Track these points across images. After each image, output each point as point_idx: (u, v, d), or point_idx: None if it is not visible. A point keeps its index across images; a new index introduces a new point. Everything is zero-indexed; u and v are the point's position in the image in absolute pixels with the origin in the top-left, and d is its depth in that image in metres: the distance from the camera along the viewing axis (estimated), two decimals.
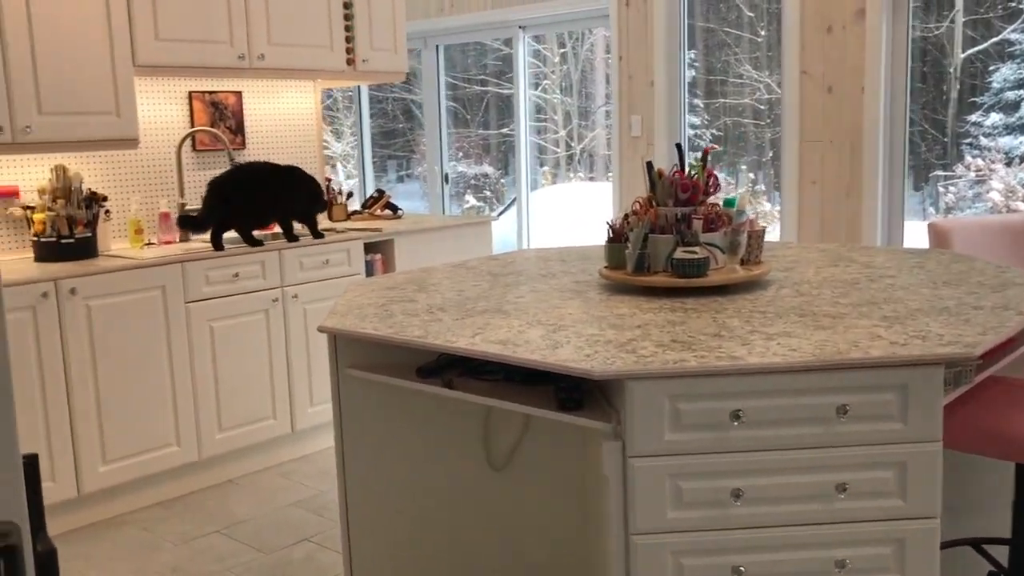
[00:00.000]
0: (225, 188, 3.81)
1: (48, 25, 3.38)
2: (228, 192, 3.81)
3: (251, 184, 3.85)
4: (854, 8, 4.77)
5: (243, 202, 3.83)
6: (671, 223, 2.49)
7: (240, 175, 3.85)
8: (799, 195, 5.09)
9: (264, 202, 3.88)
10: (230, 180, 3.83)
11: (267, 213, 3.92)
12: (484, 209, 7.69)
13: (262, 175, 3.89)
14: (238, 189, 3.82)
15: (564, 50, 6.85)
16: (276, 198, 3.91)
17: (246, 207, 3.84)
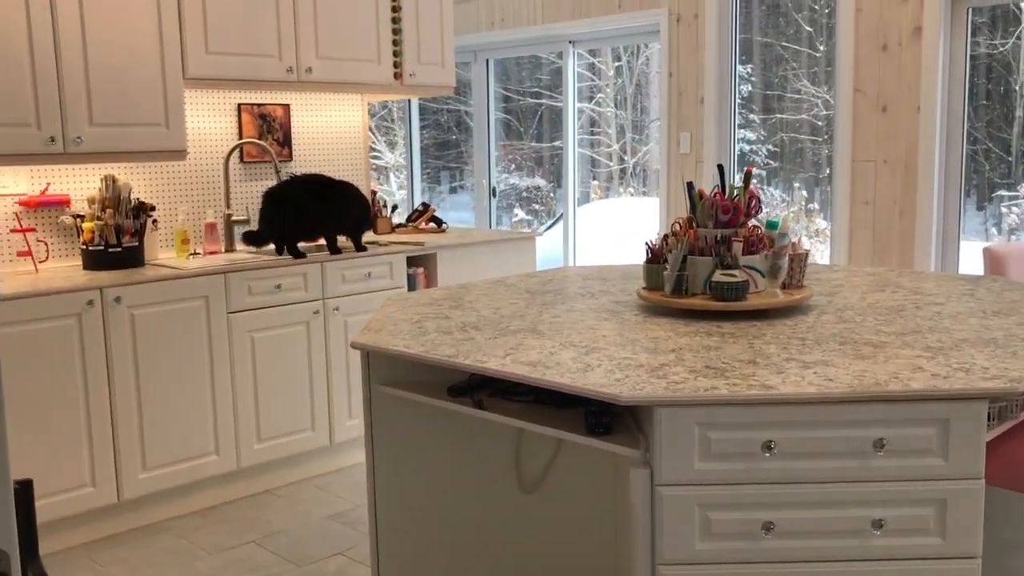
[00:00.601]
0: (280, 199, 3.87)
1: (101, 38, 3.45)
2: (283, 203, 3.87)
3: (306, 196, 3.90)
4: (911, 25, 4.67)
5: (296, 214, 3.87)
6: (711, 245, 2.45)
7: (296, 187, 3.91)
8: (851, 215, 4.99)
9: (317, 214, 3.93)
10: (285, 191, 3.89)
11: (319, 226, 3.96)
12: (532, 222, 7.67)
13: (316, 187, 3.94)
14: (293, 200, 3.87)
15: (619, 63, 6.82)
16: (328, 211, 3.96)
17: (299, 218, 3.88)
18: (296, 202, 3.89)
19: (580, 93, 6.86)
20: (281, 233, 3.90)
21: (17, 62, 3.25)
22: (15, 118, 3.26)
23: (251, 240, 3.93)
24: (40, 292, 3.14)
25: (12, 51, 3.24)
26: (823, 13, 5.20)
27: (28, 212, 3.60)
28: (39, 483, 3.20)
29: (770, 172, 5.82)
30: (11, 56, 3.24)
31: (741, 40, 5.61)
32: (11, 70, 3.24)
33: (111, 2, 3.46)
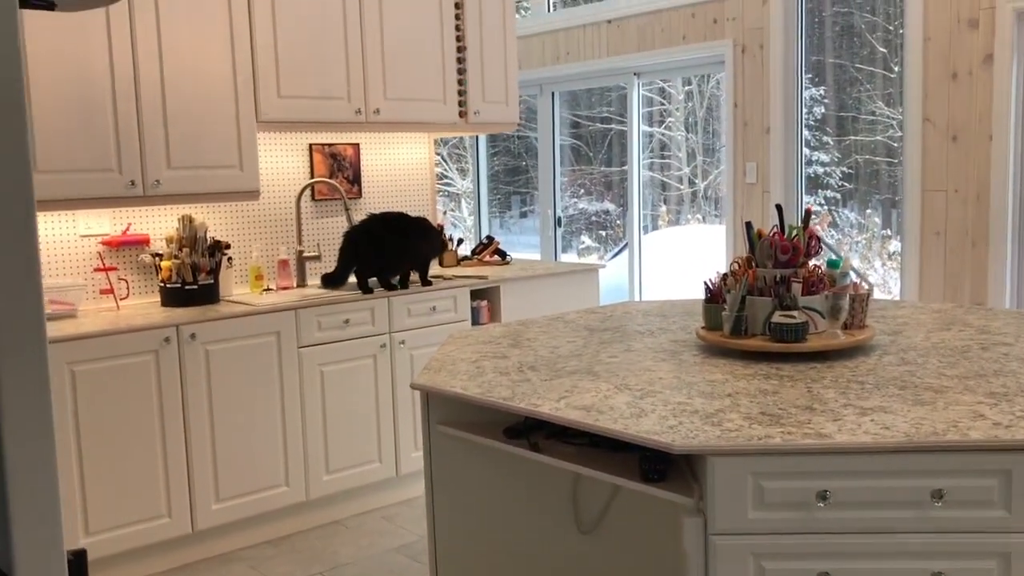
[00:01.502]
0: (359, 238, 4.03)
1: (178, 86, 3.60)
2: (362, 242, 4.03)
3: (384, 233, 4.04)
4: (982, 54, 4.58)
5: (375, 251, 4.02)
6: (770, 285, 2.45)
7: (374, 224, 4.06)
8: (921, 246, 4.89)
9: (394, 251, 4.07)
10: (364, 230, 4.05)
11: (396, 263, 4.10)
12: (599, 249, 7.69)
13: (393, 224, 4.08)
14: (370, 239, 4.03)
15: (689, 87, 6.82)
16: (406, 247, 4.10)
17: (376, 256, 4.03)
18: (375, 239, 4.03)
19: (650, 117, 6.88)
20: (363, 269, 4.02)
21: (101, 113, 3.42)
22: (99, 164, 3.43)
23: (329, 282, 4.07)
24: (120, 330, 3.29)
25: (97, 103, 3.41)
26: (897, 34, 5.14)
27: (110, 252, 3.77)
28: (118, 513, 3.33)
29: (845, 194, 5.75)
30: (96, 108, 3.41)
31: (813, 62, 5.58)
32: (96, 120, 3.41)
33: (189, 51, 3.62)
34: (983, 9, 4.56)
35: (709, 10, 5.77)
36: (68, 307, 3.51)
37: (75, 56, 3.36)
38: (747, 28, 5.57)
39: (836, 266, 2.57)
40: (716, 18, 5.74)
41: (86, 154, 3.40)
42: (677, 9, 5.97)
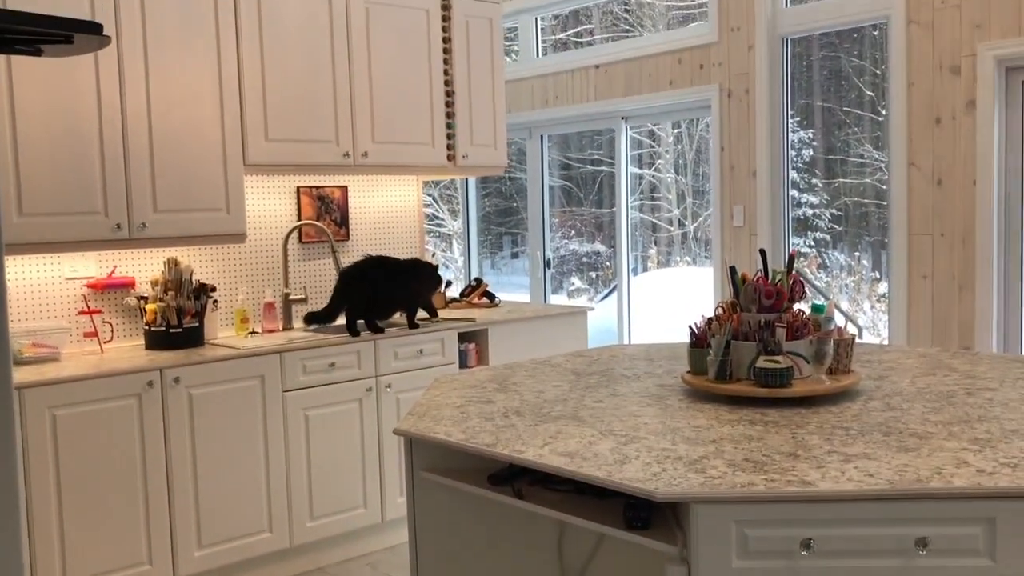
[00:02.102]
0: (354, 279, 4.04)
1: (166, 129, 3.62)
2: (357, 283, 4.04)
3: (378, 275, 4.06)
4: (964, 99, 4.64)
5: (371, 292, 4.04)
6: (754, 330, 2.44)
7: (368, 267, 4.08)
8: (908, 289, 4.91)
9: (387, 293, 4.08)
10: (359, 271, 4.06)
11: (391, 304, 4.12)
12: (589, 291, 7.70)
13: (389, 267, 4.11)
14: (365, 280, 4.04)
15: (678, 130, 6.88)
16: (401, 289, 4.12)
17: (372, 297, 4.04)
18: (371, 280, 4.05)
19: (640, 159, 6.93)
20: (354, 310, 4.03)
21: (88, 156, 3.43)
22: (85, 207, 3.43)
23: (314, 320, 4.05)
24: (103, 373, 3.26)
25: (84, 146, 3.42)
26: (884, 78, 5.20)
27: (95, 294, 3.75)
28: (98, 560, 3.27)
29: (834, 236, 5.78)
30: (83, 151, 3.42)
31: (801, 105, 5.64)
32: (83, 163, 3.42)
33: (177, 95, 3.64)
34: (964, 56, 4.63)
35: (695, 55, 5.84)
36: (51, 350, 3.48)
37: (63, 99, 3.37)
38: (733, 73, 5.64)
39: (820, 311, 2.57)
40: (702, 63, 5.81)
41: (72, 197, 3.40)
42: (663, 55, 6.04)
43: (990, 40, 4.53)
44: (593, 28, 7.12)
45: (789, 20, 5.43)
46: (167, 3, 3.60)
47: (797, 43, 5.54)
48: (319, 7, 4.04)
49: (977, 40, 4.57)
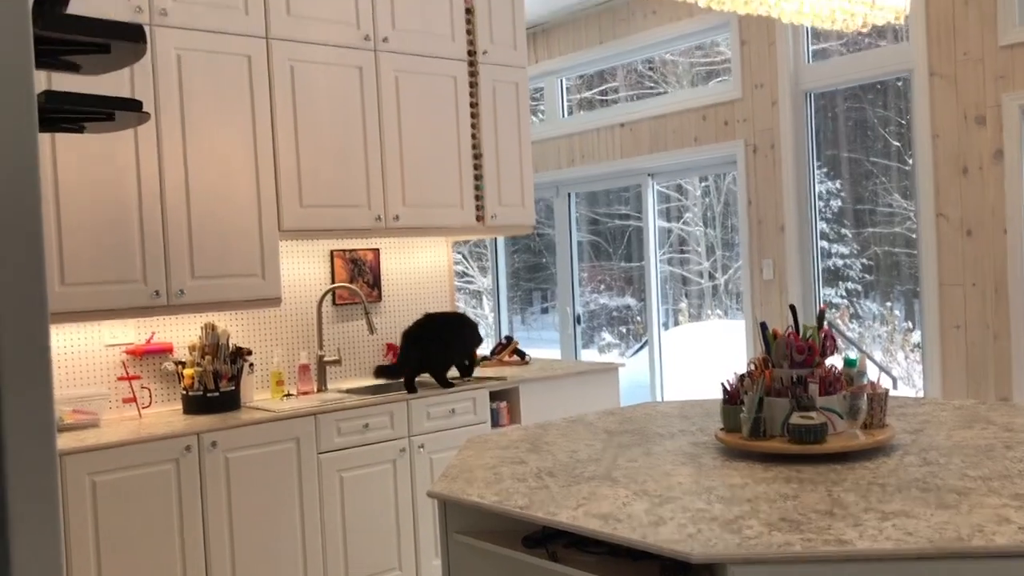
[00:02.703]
0: (419, 337, 4.21)
1: (203, 198, 3.72)
2: (422, 340, 4.21)
3: (437, 332, 4.25)
4: (991, 149, 4.65)
5: (433, 349, 4.22)
6: (787, 386, 2.44)
7: (429, 324, 4.27)
8: (941, 340, 4.87)
9: (445, 348, 4.27)
10: (421, 329, 4.24)
11: (448, 359, 4.30)
12: (620, 346, 7.70)
13: (442, 323, 4.30)
14: (427, 338, 4.22)
15: (705, 183, 6.93)
16: (453, 344, 4.31)
17: (435, 353, 4.22)
18: (434, 338, 4.22)
19: (668, 212, 6.97)
20: (416, 368, 4.17)
21: (128, 226, 3.53)
22: (124, 275, 3.52)
23: (382, 374, 4.20)
24: (141, 439, 3.31)
25: (123, 216, 3.52)
26: (910, 128, 5.22)
27: (134, 360, 3.82)
28: None
29: (866, 285, 5.76)
30: (123, 221, 3.52)
31: (828, 156, 5.67)
32: (122, 233, 3.51)
33: (213, 165, 3.74)
34: (989, 107, 4.64)
35: (719, 112, 5.91)
36: (91, 417, 3.55)
37: (104, 172, 3.48)
38: (758, 129, 5.69)
39: (853, 365, 2.57)
40: (727, 120, 5.87)
41: (112, 266, 3.49)
42: (688, 112, 6.11)
43: (1014, 90, 4.55)
44: (618, 86, 7.23)
45: (812, 76, 5.49)
46: (204, 78, 3.72)
47: (821, 96, 5.60)
48: (350, 76, 4.16)
49: (1001, 91, 4.59)
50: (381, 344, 4.63)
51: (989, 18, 4.63)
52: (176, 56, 3.66)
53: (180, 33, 3.67)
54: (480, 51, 4.63)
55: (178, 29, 3.66)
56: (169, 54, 3.64)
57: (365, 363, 4.57)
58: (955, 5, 4.75)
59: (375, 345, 4.61)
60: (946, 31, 4.79)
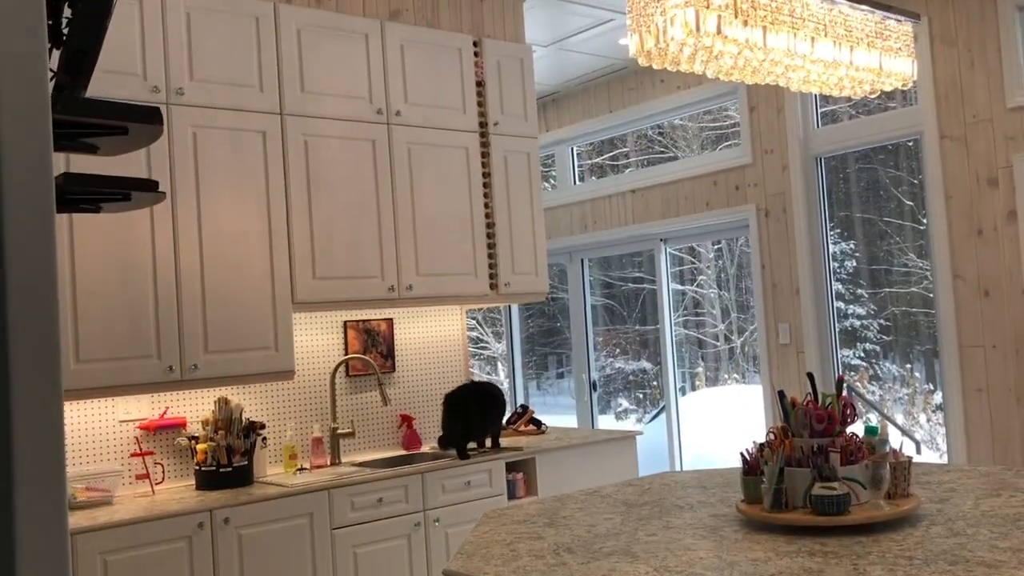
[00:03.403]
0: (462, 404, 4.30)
1: (217, 273, 3.74)
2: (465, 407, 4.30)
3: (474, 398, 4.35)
4: (1004, 210, 4.64)
5: (475, 415, 4.32)
6: (807, 455, 2.40)
7: (471, 391, 4.39)
8: (964, 404, 4.79)
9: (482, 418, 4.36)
10: (463, 395, 4.34)
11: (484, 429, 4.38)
12: (637, 411, 7.62)
13: (478, 391, 4.41)
14: (469, 404, 4.31)
15: (718, 246, 6.93)
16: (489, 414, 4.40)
17: (475, 420, 4.32)
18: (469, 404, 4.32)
19: (681, 275, 6.96)
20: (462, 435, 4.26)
21: (142, 302, 3.55)
22: (139, 351, 3.52)
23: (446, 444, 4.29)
24: (154, 516, 3.27)
25: (138, 293, 3.54)
26: (922, 187, 5.23)
27: (147, 436, 3.80)
28: None
29: (884, 346, 5.70)
30: (137, 297, 3.54)
31: (841, 217, 5.66)
32: (137, 309, 3.53)
33: (227, 240, 3.77)
34: (1001, 168, 4.65)
35: (730, 177, 5.94)
36: (104, 494, 3.52)
37: (119, 248, 3.51)
38: (769, 193, 5.71)
39: (874, 433, 2.53)
40: (738, 185, 5.89)
41: (127, 342, 3.50)
42: (699, 178, 6.15)
43: None
44: (628, 151, 7.29)
45: (821, 140, 5.52)
46: (219, 154, 3.78)
47: (832, 158, 5.62)
48: (363, 149, 4.21)
49: (1012, 151, 4.60)
50: (395, 415, 4.59)
51: (996, 81, 4.66)
52: (192, 133, 3.72)
53: (196, 111, 3.73)
54: (492, 122, 4.69)
55: (194, 107, 3.73)
56: (185, 132, 3.70)
57: (379, 435, 4.54)
58: (961, 68, 4.79)
59: (389, 417, 4.58)
60: (954, 94, 4.83)
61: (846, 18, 2.82)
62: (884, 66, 2.93)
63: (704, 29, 2.41)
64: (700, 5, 2.40)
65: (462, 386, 4.46)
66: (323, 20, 4.16)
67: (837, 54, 2.77)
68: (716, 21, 2.44)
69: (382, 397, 4.27)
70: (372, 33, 4.29)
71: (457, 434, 4.25)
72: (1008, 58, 4.61)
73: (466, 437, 4.27)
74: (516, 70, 4.83)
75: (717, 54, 2.57)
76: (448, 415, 4.30)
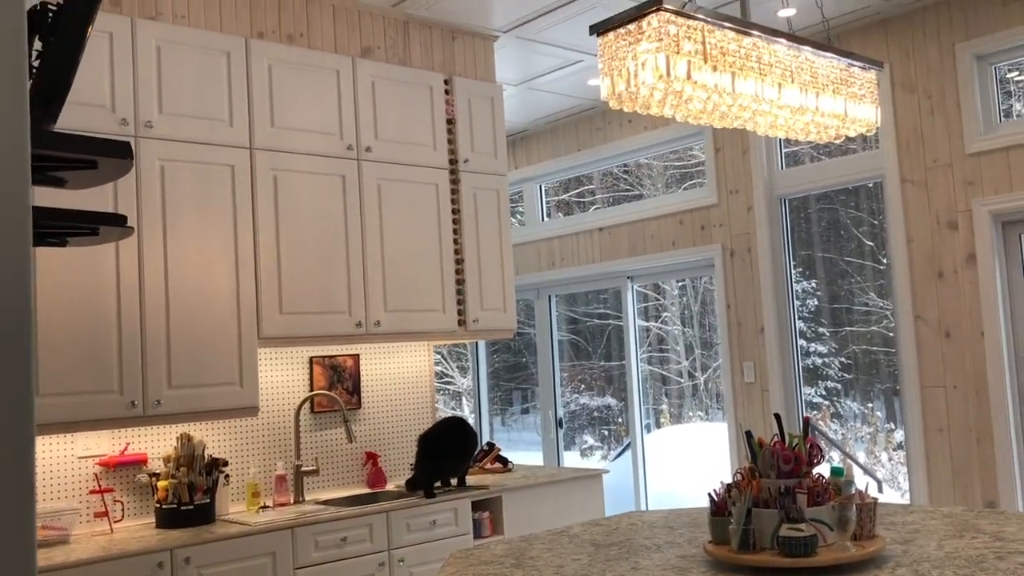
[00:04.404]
0: (437, 444, 4.24)
1: (182, 307, 3.69)
2: (441, 447, 4.24)
3: (450, 438, 4.29)
4: (964, 253, 4.73)
5: (451, 455, 4.27)
6: (775, 496, 2.41)
7: (445, 429, 4.32)
8: (926, 443, 4.85)
9: (457, 456, 4.32)
10: (438, 435, 4.28)
11: (455, 467, 4.34)
12: (602, 448, 7.60)
13: (453, 430, 4.34)
14: (445, 444, 4.26)
15: (682, 283, 6.98)
16: (464, 453, 4.35)
17: (451, 460, 4.28)
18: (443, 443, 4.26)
19: (646, 312, 6.99)
20: (431, 476, 4.21)
21: (106, 336, 3.49)
22: (101, 386, 3.46)
23: (411, 487, 4.20)
24: (112, 556, 3.20)
25: (102, 326, 3.49)
26: (882, 227, 5.32)
27: (107, 472, 3.73)
28: None
29: (845, 384, 5.75)
30: (101, 331, 3.48)
31: (803, 256, 5.73)
32: (100, 343, 3.48)
33: (194, 274, 3.74)
34: (960, 212, 4.75)
35: (696, 217, 6.01)
36: (61, 532, 3.43)
37: (83, 281, 3.46)
38: (734, 233, 5.78)
39: (840, 474, 2.54)
40: (703, 224, 5.96)
41: (89, 376, 3.44)
42: (665, 217, 6.21)
43: (983, 196, 4.66)
44: (594, 188, 7.35)
45: (786, 182, 5.61)
46: (186, 188, 3.75)
47: (794, 198, 5.71)
48: (333, 184, 4.20)
49: (971, 196, 4.71)
50: (360, 453, 4.55)
51: (955, 127, 4.78)
52: (160, 166, 3.70)
53: (165, 144, 3.71)
54: (462, 159, 4.71)
55: (163, 140, 3.71)
56: (153, 165, 3.67)
57: (343, 473, 4.49)
58: (922, 115, 4.91)
59: (354, 454, 4.54)
60: (915, 139, 4.94)
61: (812, 65, 2.89)
62: (849, 112, 3.00)
63: (674, 74, 2.46)
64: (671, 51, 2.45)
65: (437, 425, 4.40)
66: (295, 56, 4.17)
67: (803, 100, 2.83)
68: (686, 66, 2.48)
69: (347, 434, 4.23)
70: (343, 69, 4.31)
71: (430, 477, 4.19)
72: (966, 106, 4.73)
73: (437, 477, 4.23)
74: (486, 108, 4.87)
75: (687, 99, 2.61)
76: (423, 457, 4.23)
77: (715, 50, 2.61)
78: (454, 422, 4.42)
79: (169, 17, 3.96)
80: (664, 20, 2.55)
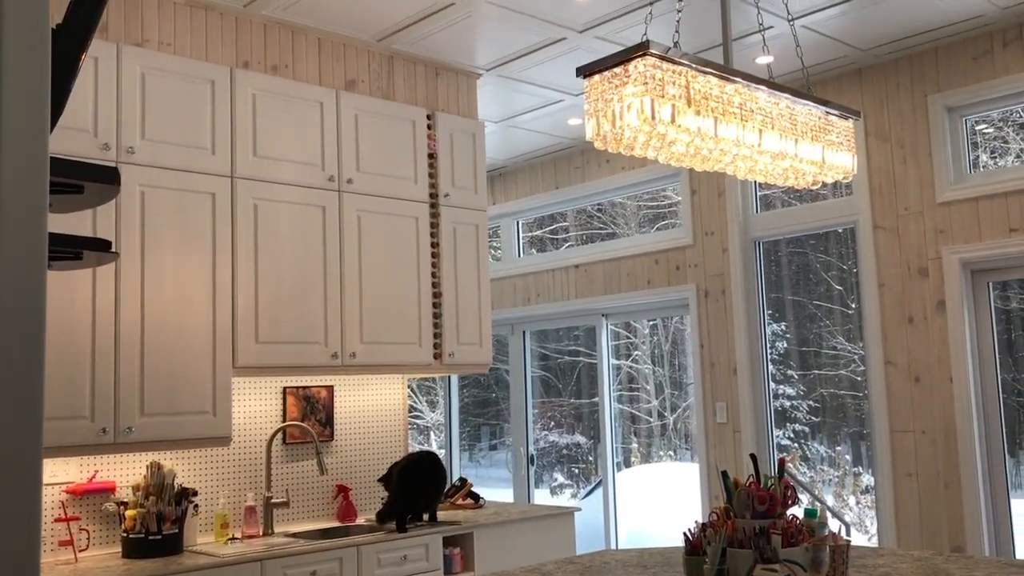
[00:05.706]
0: (411, 476, 4.22)
1: (157, 333, 3.67)
2: (414, 479, 4.23)
3: (422, 471, 4.27)
4: (934, 299, 4.81)
5: (424, 488, 4.25)
6: (749, 537, 2.42)
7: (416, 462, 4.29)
8: (894, 487, 4.89)
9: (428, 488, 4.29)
10: (410, 467, 4.26)
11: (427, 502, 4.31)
12: (573, 486, 7.58)
13: (425, 464, 4.31)
14: (418, 477, 4.24)
15: (653, 322, 7.02)
16: (432, 486, 4.32)
17: (423, 493, 4.25)
18: (420, 479, 4.25)
19: (617, 350, 7.01)
20: (403, 509, 4.17)
21: (78, 360, 3.45)
22: (71, 411, 3.42)
23: (385, 519, 4.18)
24: None
25: (75, 351, 3.45)
26: (851, 272, 5.40)
27: (74, 500, 3.67)
28: None
29: (813, 427, 5.80)
30: (74, 356, 3.44)
31: (773, 299, 5.80)
32: (73, 368, 3.44)
33: (170, 301, 3.71)
34: (931, 259, 4.84)
35: (672, 257, 6.07)
36: None
37: (57, 305, 3.43)
38: (709, 274, 5.84)
39: (813, 515, 2.56)
40: (679, 264, 6.02)
41: (59, 402, 3.39)
42: (641, 256, 6.27)
43: (953, 244, 4.75)
44: (568, 226, 7.41)
45: (760, 225, 5.69)
46: (166, 214, 3.74)
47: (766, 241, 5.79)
48: (313, 215, 4.21)
49: (941, 244, 4.80)
50: (331, 486, 4.51)
51: (927, 176, 4.88)
52: (140, 192, 3.69)
53: (146, 170, 3.71)
54: (442, 194, 4.73)
55: (144, 167, 3.70)
56: (133, 190, 3.66)
57: (314, 506, 4.44)
58: (895, 164, 5.01)
59: (325, 487, 4.49)
60: (888, 187, 5.04)
61: (792, 112, 2.95)
62: (827, 159, 3.06)
63: (659, 117, 2.50)
64: (656, 95, 2.49)
65: (408, 457, 4.38)
66: (279, 87, 4.19)
67: (783, 146, 2.89)
68: (671, 110, 2.53)
69: (319, 466, 4.19)
70: (327, 101, 4.33)
71: (402, 509, 4.16)
72: (938, 155, 4.84)
73: (409, 511, 4.20)
74: (468, 144, 4.91)
75: (671, 141, 2.66)
76: (397, 488, 4.21)
77: (698, 95, 2.66)
78: (426, 456, 4.38)
79: (155, 44, 3.97)
80: (650, 64, 2.60)
